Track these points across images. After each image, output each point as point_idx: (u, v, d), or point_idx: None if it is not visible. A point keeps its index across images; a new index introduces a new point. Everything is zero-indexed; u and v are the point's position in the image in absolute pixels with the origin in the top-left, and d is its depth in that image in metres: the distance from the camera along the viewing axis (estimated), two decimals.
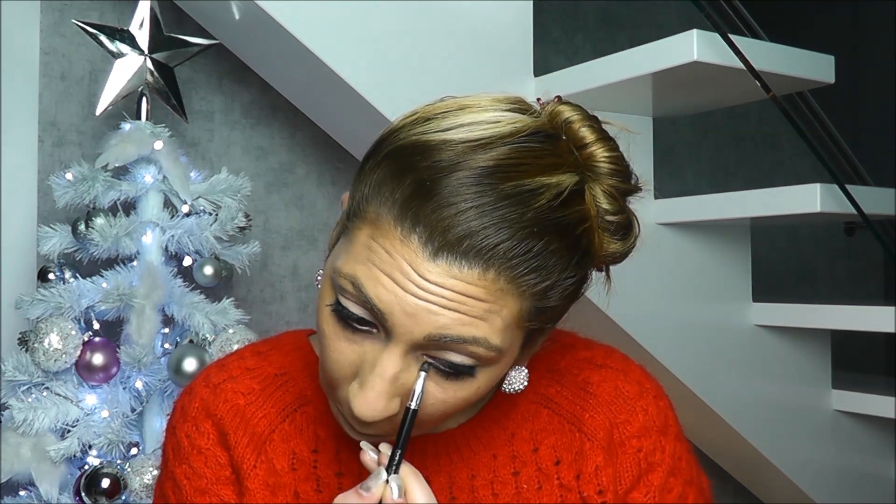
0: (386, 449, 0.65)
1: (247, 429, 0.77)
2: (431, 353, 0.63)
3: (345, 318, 0.64)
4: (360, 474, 0.74)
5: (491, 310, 0.61)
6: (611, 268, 0.73)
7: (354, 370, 0.65)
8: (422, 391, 0.64)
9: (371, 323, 0.63)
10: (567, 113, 0.68)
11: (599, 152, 0.67)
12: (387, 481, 0.63)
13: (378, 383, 0.63)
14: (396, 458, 0.64)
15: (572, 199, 0.64)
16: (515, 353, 0.67)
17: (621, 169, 0.68)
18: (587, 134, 0.67)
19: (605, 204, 0.67)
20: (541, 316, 0.65)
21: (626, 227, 0.69)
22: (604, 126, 0.70)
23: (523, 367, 0.72)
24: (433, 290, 0.60)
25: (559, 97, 0.70)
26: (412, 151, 0.63)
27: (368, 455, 0.65)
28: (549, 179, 0.62)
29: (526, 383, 0.71)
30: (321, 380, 0.70)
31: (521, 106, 0.67)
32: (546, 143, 0.65)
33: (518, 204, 0.60)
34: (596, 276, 0.72)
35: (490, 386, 0.67)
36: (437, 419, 0.67)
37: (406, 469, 0.64)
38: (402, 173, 0.62)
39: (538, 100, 0.70)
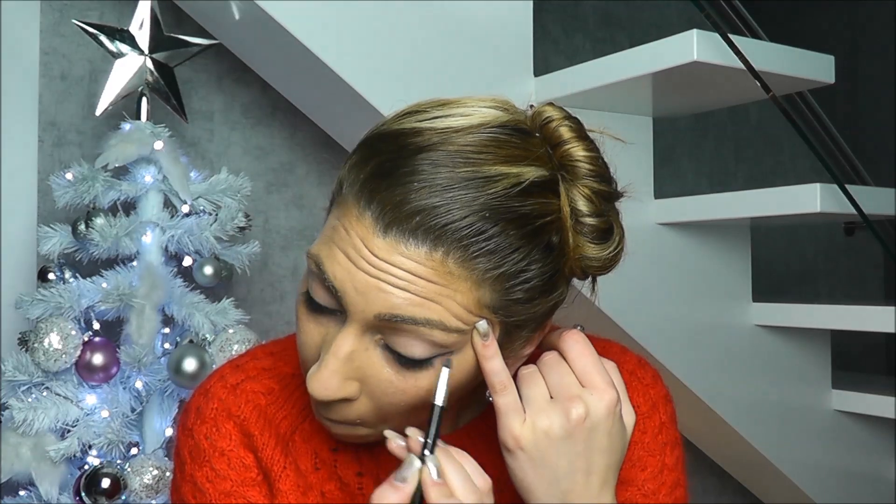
0: (413, 433, 0.64)
1: (272, 430, 0.76)
2: (388, 338, 0.63)
3: (312, 303, 0.66)
4: (379, 473, 0.75)
5: (443, 293, 0.61)
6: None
7: (319, 351, 0.66)
8: (446, 388, 0.63)
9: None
10: (548, 112, 0.68)
11: (576, 151, 0.66)
12: (422, 464, 0.62)
13: (332, 362, 0.63)
14: (430, 444, 0.63)
15: (534, 192, 0.63)
16: None
17: (598, 170, 0.67)
18: (564, 132, 0.67)
19: (580, 205, 0.66)
20: (508, 310, 0.64)
21: (604, 232, 0.68)
22: (593, 132, 0.70)
23: None
24: (382, 267, 0.61)
25: (551, 103, 0.70)
26: (384, 138, 0.65)
27: (395, 442, 0.64)
28: (510, 169, 0.63)
29: None
30: (301, 369, 0.71)
31: (503, 105, 0.68)
32: (514, 136, 0.65)
33: (472, 188, 0.61)
34: (581, 284, 0.71)
35: (458, 379, 0.66)
36: (402, 410, 0.66)
37: (438, 450, 0.64)
38: (370, 157, 0.64)
39: (531, 106, 0.70)
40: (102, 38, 1.46)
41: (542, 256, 0.64)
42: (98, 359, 1.38)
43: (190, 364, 1.38)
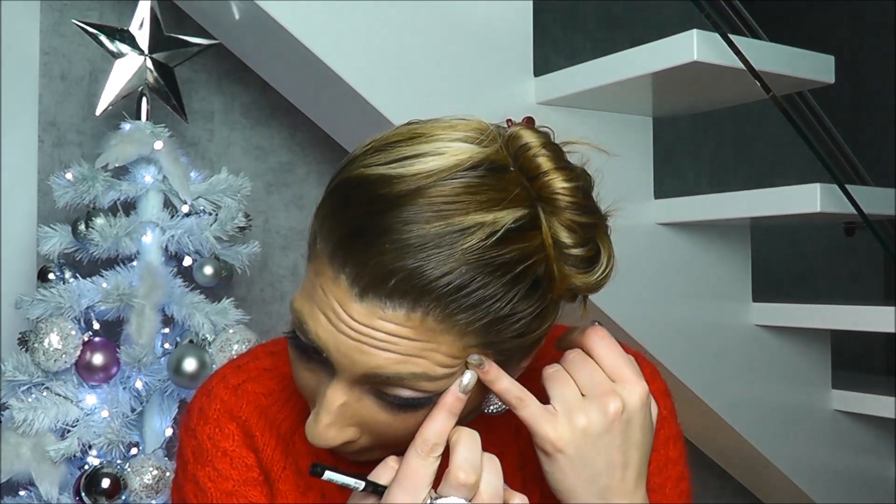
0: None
1: (273, 430, 0.77)
2: (378, 387, 0.63)
3: (301, 348, 0.65)
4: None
5: (426, 348, 0.60)
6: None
7: (315, 395, 0.66)
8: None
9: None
10: (526, 138, 0.64)
11: (556, 183, 0.63)
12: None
13: (325, 416, 0.64)
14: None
15: (513, 236, 0.60)
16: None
17: (578, 201, 0.64)
18: (543, 162, 0.63)
19: (563, 237, 0.63)
20: (499, 346, 0.63)
21: (590, 260, 0.65)
22: (576, 144, 0.68)
23: None
24: (362, 331, 0.60)
25: (531, 119, 0.67)
26: (353, 185, 0.62)
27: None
28: (485, 217, 0.59)
29: (506, 406, 0.68)
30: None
31: (475, 135, 0.63)
32: (488, 176, 0.61)
33: (446, 245, 0.58)
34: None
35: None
36: (408, 437, 0.65)
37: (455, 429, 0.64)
38: (340, 211, 0.62)
39: (508, 121, 0.67)
40: (102, 38, 1.46)
41: (527, 295, 0.62)
42: (98, 359, 1.38)
43: (190, 364, 1.38)
